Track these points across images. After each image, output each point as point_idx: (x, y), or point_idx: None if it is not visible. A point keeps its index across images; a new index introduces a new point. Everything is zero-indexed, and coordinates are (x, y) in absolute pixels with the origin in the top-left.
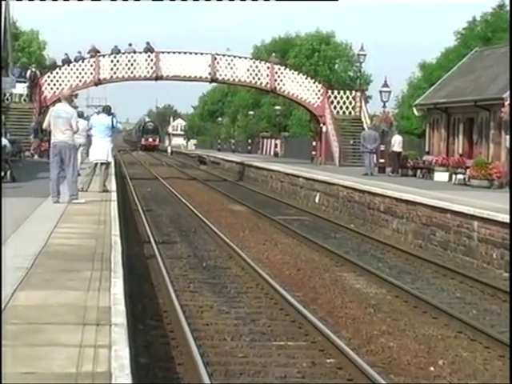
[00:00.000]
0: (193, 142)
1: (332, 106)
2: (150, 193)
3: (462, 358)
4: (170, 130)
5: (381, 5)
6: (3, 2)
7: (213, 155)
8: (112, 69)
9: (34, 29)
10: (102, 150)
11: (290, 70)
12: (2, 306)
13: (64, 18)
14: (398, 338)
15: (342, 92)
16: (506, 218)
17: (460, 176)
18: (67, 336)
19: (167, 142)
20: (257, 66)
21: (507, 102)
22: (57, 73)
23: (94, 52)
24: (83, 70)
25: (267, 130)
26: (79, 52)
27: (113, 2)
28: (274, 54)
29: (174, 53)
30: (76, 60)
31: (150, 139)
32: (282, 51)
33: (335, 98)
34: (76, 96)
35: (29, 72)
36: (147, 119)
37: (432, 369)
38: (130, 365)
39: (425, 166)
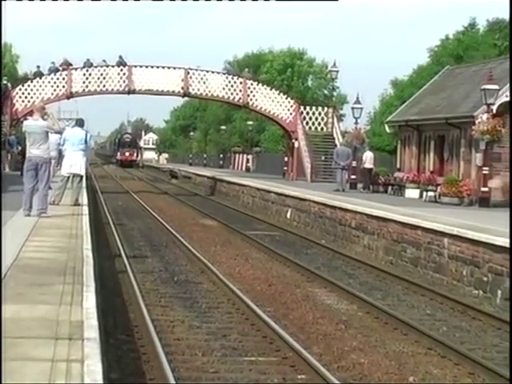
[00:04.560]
0: (164, 156)
1: (304, 122)
2: (121, 207)
3: (432, 375)
4: (141, 143)
5: (353, 23)
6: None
7: (184, 169)
8: (84, 82)
9: (7, 42)
10: (74, 162)
11: (263, 85)
12: None
13: (36, 32)
14: (369, 355)
15: (314, 108)
16: (475, 236)
17: (431, 193)
18: (39, 350)
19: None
20: (230, 81)
21: (478, 120)
22: (28, 85)
23: (66, 65)
24: (55, 82)
25: (239, 145)
26: (53, 62)
27: (85, 16)
28: (246, 70)
29: (146, 67)
30: (50, 70)
31: (127, 153)
32: (254, 67)
33: (307, 113)
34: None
35: None
36: (129, 130)
37: None
38: (102, 380)
39: (396, 183)
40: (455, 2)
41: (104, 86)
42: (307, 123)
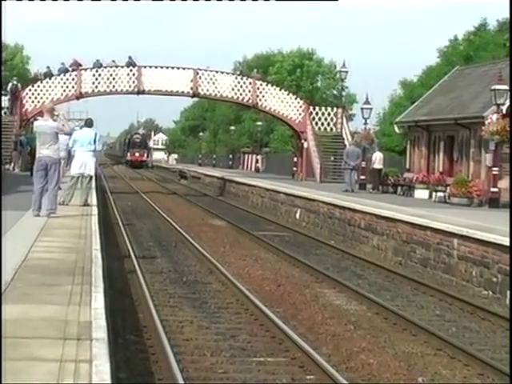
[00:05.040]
0: (174, 156)
1: (313, 123)
2: (130, 207)
3: (442, 376)
4: (151, 144)
5: (363, 23)
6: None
7: (194, 170)
8: (94, 83)
9: (18, 43)
10: (84, 163)
11: (272, 85)
12: None
13: (45, 32)
14: (378, 355)
15: (323, 108)
16: (485, 236)
17: (440, 193)
18: (48, 350)
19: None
20: (239, 82)
21: (487, 121)
22: (38, 86)
23: (76, 66)
24: (65, 83)
25: (248, 145)
26: (62, 63)
27: (94, 17)
28: (255, 70)
29: (156, 67)
30: (60, 71)
31: (137, 154)
32: (263, 67)
33: (317, 114)
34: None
35: (10, 85)
36: (141, 131)
37: None
38: (110, 380)
39: (405, 183)
40: (465, 2)
41: (113, 86)
42: (316, 123)
